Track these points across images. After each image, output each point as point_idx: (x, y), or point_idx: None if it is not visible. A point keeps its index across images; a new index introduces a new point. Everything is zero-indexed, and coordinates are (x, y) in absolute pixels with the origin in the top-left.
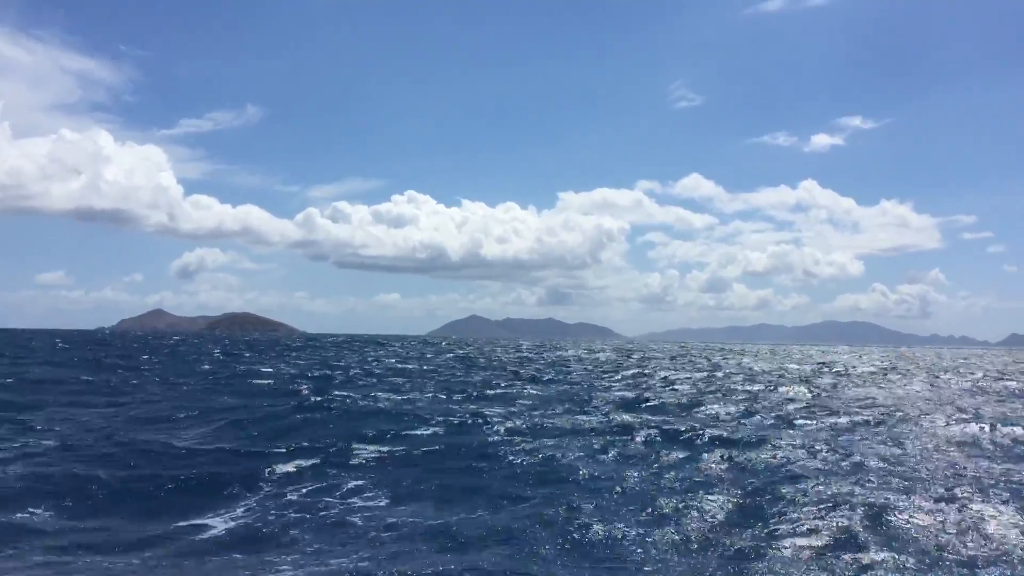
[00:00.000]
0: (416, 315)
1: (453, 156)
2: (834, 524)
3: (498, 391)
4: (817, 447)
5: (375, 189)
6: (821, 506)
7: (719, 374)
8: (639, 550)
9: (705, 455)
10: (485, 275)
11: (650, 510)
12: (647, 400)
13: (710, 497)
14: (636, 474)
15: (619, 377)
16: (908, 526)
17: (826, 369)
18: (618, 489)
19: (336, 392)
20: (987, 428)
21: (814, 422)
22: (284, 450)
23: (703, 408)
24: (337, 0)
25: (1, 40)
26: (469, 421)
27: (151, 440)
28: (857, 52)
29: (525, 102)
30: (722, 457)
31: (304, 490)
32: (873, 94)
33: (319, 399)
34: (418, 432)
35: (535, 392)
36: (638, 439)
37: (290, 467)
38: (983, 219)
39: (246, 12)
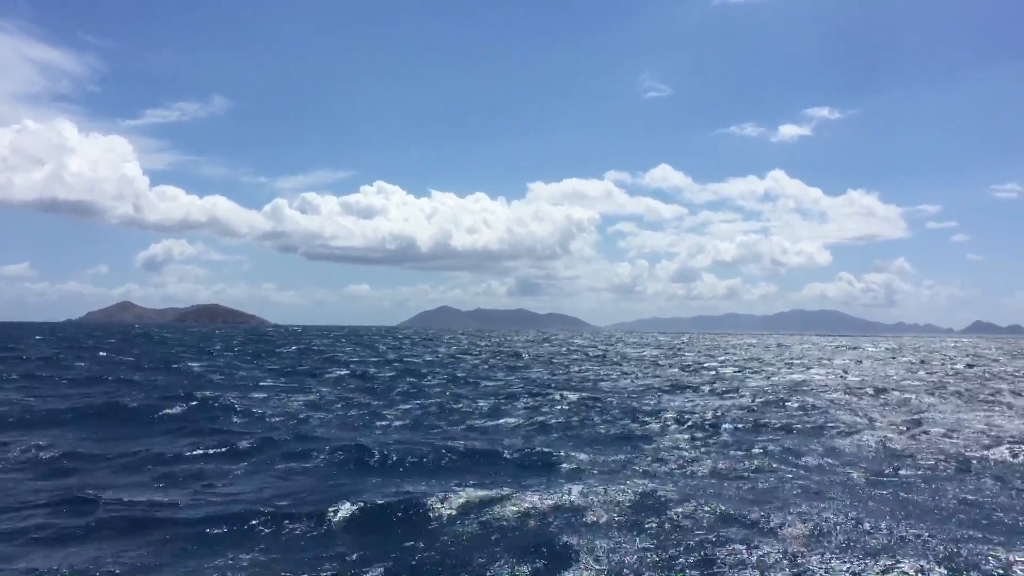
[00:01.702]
0: (386, 306)
1: (422, 147)
2: None
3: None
4: None
5: (344, 180)
6: None
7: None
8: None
9: None
10: (455, 266)
11: None
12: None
13: None
14: None
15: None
16: None
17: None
18: None
19: None
20: None
21: None
22: None
23: None
24: None
25: None
26: None
27: None
28: (825, 43)
29: (494, 93)
30: None
31: None
32: (840, 85)
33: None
34: None
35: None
36: None
37: None
38: (947, 209)
39: (213, 1)
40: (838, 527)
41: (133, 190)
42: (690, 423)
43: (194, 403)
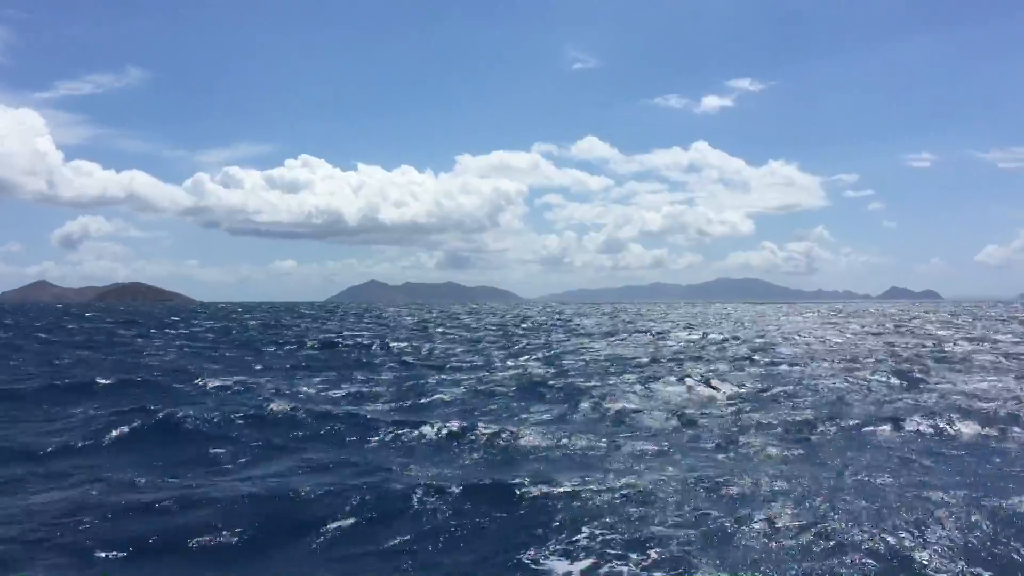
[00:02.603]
0: (313, 282)
1: (348, 119)
2: None
3: None
4: None
5: (267, 153)
6: None
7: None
8: None
9: None
10: (383, 240)
11: None
12: None
13: None
14: None
15: None
16: None
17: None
18: None
19: None
20: None
21: None
22: None
23: None
24: None
25: None
26: None
27: None
28: (746, 15)
29: (420, 65)
30: None
31: None
32: (761, 56)
33: None
34: None
35: None
36: None
37: None
38: (864, 178)
39: None
40: None
41: (46, 165)
42: None
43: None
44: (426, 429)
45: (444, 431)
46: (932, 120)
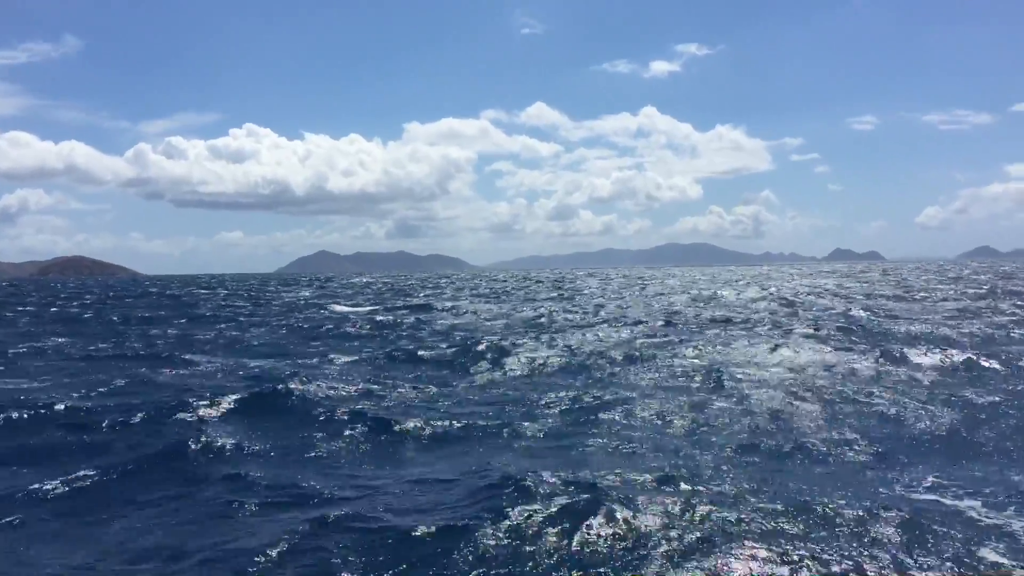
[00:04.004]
0: (261, 252)
1: (293, 88)
2: None
3: None
4: None
5: (211, 123)
6: None
7: None
8: None
9: None
10: (332, 209)
11: None
12: None
13: None
14: None
15: None
16: None
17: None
18: None
19: None
20: None
21: None
22: None
23: None
24: None
25: None
26: None
27: None
28: None
29: (367, 32)
30: None
31: None
32: (708, 21)
33: None
34: None
35: None
36: None
37: None
38: (809, 141)
39: None
40: None
41: None
42: None
43: None
44: None
45: None
46: (875, 83)
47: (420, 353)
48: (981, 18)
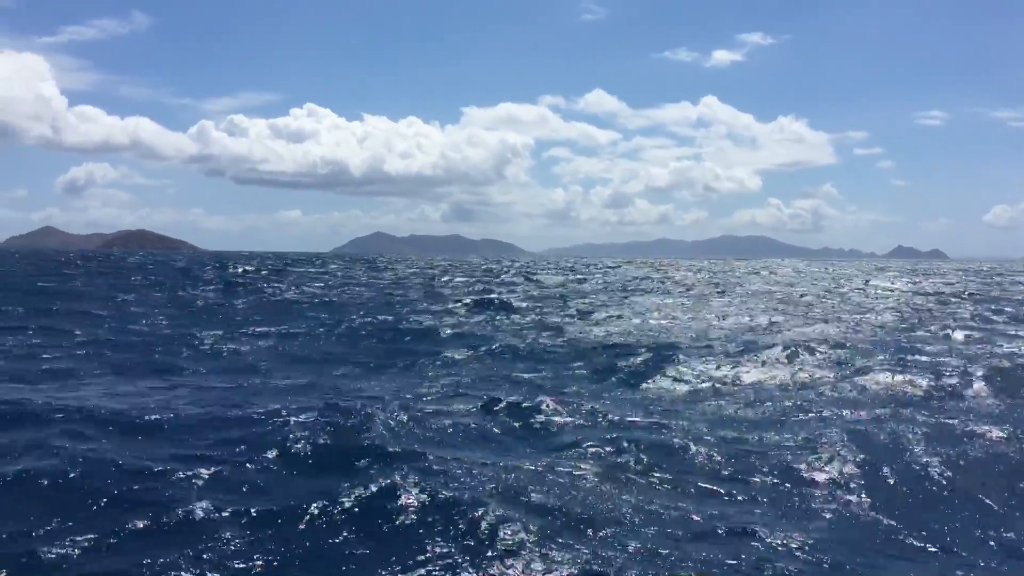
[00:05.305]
0: (319, 232)
1: (353, 69)
2: None
3: None
4: None
5: (272, 103)
6: None
7: None
8: None
9: None
10: (388, 191)
11: None
12: None
13: None
14: None
15: None
16: None
17: None
18: None
19: None
20: None
21: None
22: None
23: None
24: None
25: None
26: None
27: None
28: None
29: (428, 14)
30: None
31: None
32: (773, 10)
33: None
34: None
35: None
36: None
37: None
38: (874, 135)
39: None
40: None
41: (51, 111)
42: None
43: None
44: None
45: None
46: (944, 78)
47: None
48: None
